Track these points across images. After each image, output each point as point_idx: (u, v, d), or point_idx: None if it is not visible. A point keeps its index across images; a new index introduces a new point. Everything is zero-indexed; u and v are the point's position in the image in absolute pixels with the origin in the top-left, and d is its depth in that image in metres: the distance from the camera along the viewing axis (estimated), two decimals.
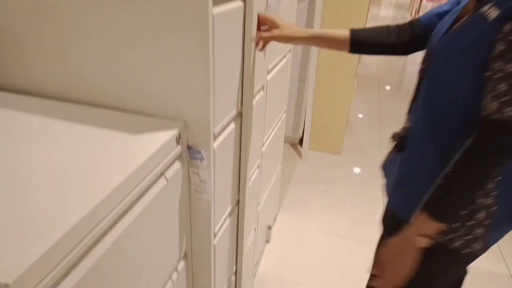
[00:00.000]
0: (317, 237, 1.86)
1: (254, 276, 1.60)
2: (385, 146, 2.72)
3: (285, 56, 1.38)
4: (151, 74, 0.74)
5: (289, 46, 1.43)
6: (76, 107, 0.80)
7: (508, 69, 0.58)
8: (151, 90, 0.75)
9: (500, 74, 0.59)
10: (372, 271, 0.81)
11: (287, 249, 1.77)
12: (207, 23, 0.67)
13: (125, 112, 0.79)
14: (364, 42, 0.89)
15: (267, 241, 1.79)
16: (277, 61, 1.24)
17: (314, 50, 2.20)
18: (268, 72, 1.15)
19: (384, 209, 0.96)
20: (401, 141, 0.83)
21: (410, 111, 0.83)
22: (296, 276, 1.63)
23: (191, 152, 0.78)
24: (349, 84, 2.37)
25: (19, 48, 0.81)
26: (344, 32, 0.89)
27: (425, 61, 0.77)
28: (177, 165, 0.76)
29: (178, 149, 0.74)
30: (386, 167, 0.92)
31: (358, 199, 2.15)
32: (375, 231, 1.92)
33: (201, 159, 0.78)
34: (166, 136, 0.70)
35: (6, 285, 0.39)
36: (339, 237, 1.86)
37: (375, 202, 2.13)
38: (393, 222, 0.86)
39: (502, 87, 0.59)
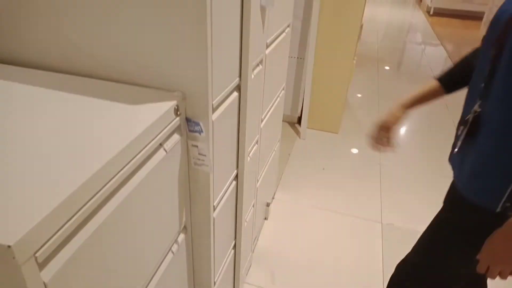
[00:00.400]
0: (315, 214, 1.88)
1: (253, 252, 1.63)
2: None
3: (284, 30, 1.36)
4: (147, 43, 0.73)
5: (288, 20, 1.41)
6: (71, 78, 0.79)
7: None
8: (148, 61, 0.75)
9: None
10: (482, 262, 0.80)
11: (285, 225, 1.80)
12: None
13: (122, 83, 0.78)
14: (456, 82, 0.95)
15: (265, 218, 1.81)
16: (276, 35, 1.22)
17: (314, 27, 2.16)
18: (267, 46, 1.14)
19: (450, 191, 0.94)
20: (473, 127, 0.79)
21: (482, 97, 0.77)
22: (294, 252, 1.66)
23: (189, 125, 0.78)
24: (348, 63, 2.34)
25: (10, 17, 0.79)
26: (434, 85, 0.97)
27: (497, 44, 0.71)
28: (176, 137, 0.75)
29: (176, 121, 0.74)
30: (455, 157, 0.89)
31: (356, 177, 2.17)
32: (373, 207, 1.94)
33: (200, 132, 0.78)
34: (164, 107, 0.70)
35: (9, 246, 0.40)
36: (337, 213, 1.88)
37: (372, 180, 2.15)
38: (466, 208, 0.83)
39: None
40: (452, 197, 0.93)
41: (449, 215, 0.93)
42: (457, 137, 0.87)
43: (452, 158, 0.92)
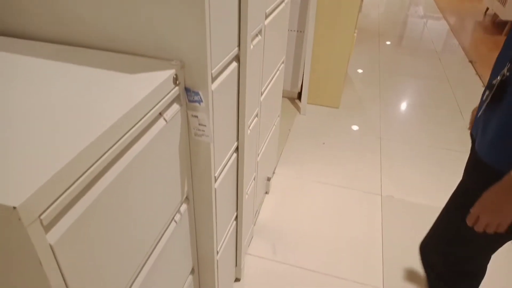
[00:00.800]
0: (316, 187, 1.90)
1: (254, 224, 1.65)
2: (384, 102, 2.71)
3: (283, 0, 1.33)
4: (144, 12, 0.71)
5: None
6: (69, 49, 0.78)
7: None
8: (145, 30, 0.73)
9: None
10: (472, 212, 0.80)
11: (286, 199, 1.82)
12: None
13: (120, 53, 0.77)
14: None
15: (266, 192, 1.83)
16: (275, 5, 1.20)
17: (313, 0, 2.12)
18: (266, 16, 1.12)
19: (470, 160, 0.92)
20: (498, 91, 0.77)
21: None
22: (295, 224, 1.69)
23: (189, 94, 0.78)
24: (349, 36, 2.31)
25: None
26: None
27: None
28: (176, 107, 0.75)
29: (175, 90, 0.73)
30: (478, 123, 0.86)
31: (356, 151, 2.18)
32: (373, 180, 1.96)
33: (200, 101, 0.77)
34: (163, 75, 0.69)
35: (14, 207, 0.40)
36: (337, 187, 1.90)
37: (373, 153, 2.16)
38: (487, 175, 0.82)
39: None
40: (473, 165, 0.91)
41: (469, 183, 0.92)
42: (481, 102, 0.85)
43: (475, 125, 0.90)
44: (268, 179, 1.77)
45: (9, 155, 0.48)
